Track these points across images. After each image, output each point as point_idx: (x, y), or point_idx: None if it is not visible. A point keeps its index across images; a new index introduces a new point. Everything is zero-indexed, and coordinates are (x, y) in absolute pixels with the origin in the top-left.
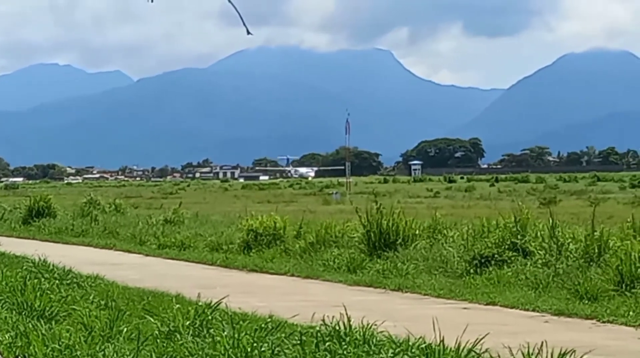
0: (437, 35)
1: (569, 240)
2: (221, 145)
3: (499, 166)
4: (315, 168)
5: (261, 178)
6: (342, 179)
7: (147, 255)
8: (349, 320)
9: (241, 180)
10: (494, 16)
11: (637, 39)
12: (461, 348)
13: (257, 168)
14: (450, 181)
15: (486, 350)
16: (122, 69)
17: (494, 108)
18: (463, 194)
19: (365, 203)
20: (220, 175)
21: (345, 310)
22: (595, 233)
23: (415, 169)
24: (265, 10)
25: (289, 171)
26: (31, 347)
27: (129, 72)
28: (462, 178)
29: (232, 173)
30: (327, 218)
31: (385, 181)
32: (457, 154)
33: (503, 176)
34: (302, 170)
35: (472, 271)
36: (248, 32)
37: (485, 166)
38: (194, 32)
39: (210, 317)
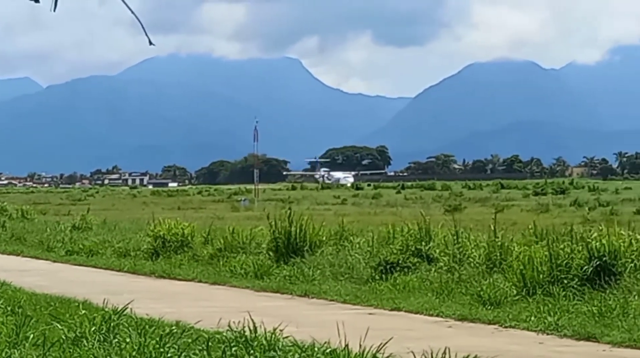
0: (346, 45)
1: (473, 247)
2: (130, 152)
3: (405, 174)
4: (354, 173)
5: (170, 184)
6: (251, 186)
7: (55, 261)
8: (255, 326)
9: (150, 187)
10: (403, 26)
11: (541, 49)
12: (365, 353)
13: (302, 172)
14: (358, 189)
15: (390, 355)
16: (31, 76)
17: (401, 116)
18: (370, 201)
19: (274, 210)
20: (129, 182)
21: (251, 316)
22: (497, 240)
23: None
24: (176, 18)
25: (320, 176)
26: None
27: (38, 79)
28: (369, 185)
29: (141, 180)
30: (235, 224)
31: (294, 188)
32: (364, 162)
33: (409, 183)
34: (338, 175)
35: (377, 277)
36: (150, 43)
37: (392, 173)
38: (105, 40)
39: (117, 323)
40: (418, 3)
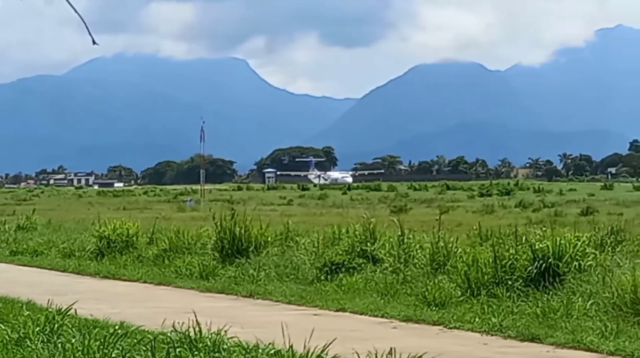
0: (293, 45)
1: (418, 248)
2: (76, 152)
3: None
4: (351, 172)
5: (116, 185)
6: (197, 187)
7: None
8: (199, 327)
9: (95, 187)
10: (350, 27)
11: (486, 50)
12: (310, 353)
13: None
14: (304, 189)
15: (335, 356)
16: None
17: (347, 117)
18: (316, 202)
19: (220, 210)
20: (75, 182)
21: (196, 316)
22: (442, 241)
23: (269, 177)
24: (123, 17)
25: (316, 177)
26: None
27: None
28: (315, 186)
29: (87, 180)
30: (180, 225)
31: (240, 189)
32: None
33: (355, 184)
34: (335, 175)
35: (322, 278)
36: (94, 42)
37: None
38: (51, 39)
39: (61, 324)
40: (365, 4)
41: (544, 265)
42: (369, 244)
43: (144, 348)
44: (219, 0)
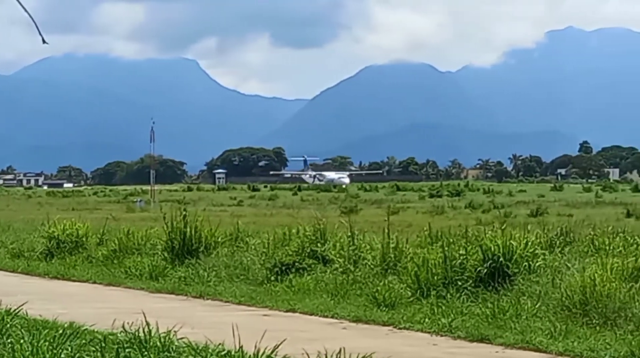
0: (244, 46)
1: (368, 248)
2: (25, 152)
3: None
4: (348, 173)
5: (65, 185)
6: (147, 187)
7: None
8: (149, 327)
9: (45, 187)
10: (302, 28)
11: (437, 52)
12: (260, 354)
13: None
14: (254, 190)
15: (285, 356)
16: None
17: (298, 118)
18: (266, 202)
19: (170, 211)
20: (24, 182)
21: (145, 317)
22: (392, 241)
23: (219, 178)
24: (73, 17)
25: (311, 177)
26: None
27: None
28: (265, 186)
29: (36, 181)
30: (130, 225)
31: (190, 189)
32: (261, 163)
33: (306, 185)
34: (331, 175)
35: (273, 278)
36: (44, 41)
37: (289, 175)
38: (0, 38)
39: (9, 324)
40: (317, 5)
41: (493, 265)
42: (319, 245)
43: (94, 348)
44: (170, 1)
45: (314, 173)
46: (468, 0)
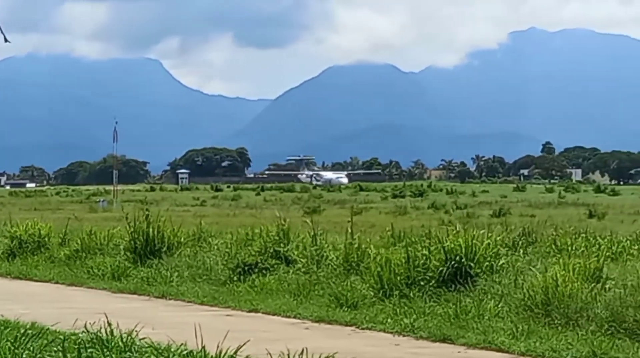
0: (207, 46)
1: (331, 249)
2: None
3: (265, 176)
4: (346, 173)
5: (28, 185)
6: (109, 187)
7: None
8: (111, 327)
9: (7, 187)
10: (265, 28)
11: (400, 52)
12: (222, 354)
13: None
14: (217, 190)
15: (247, 357)
16: None
17: (261, 118)
18: (229, 203)
19: (133, 211)
20: None
21: (107, 317)
22: (355, 242)
23: (182, 178)
24: (35, 17)
25: (308, 177)
26: None
27: None
28: (228, 186)
29: None
30: (93, 225)
31: (153, 190)
32: (224, 164)
33: (269, 185)
34: (329, 175)
35: (235, 278)
36: (5, 40)
37: (252, 175)
38: None
39: None
40: (280, 5)
41: (456, 265)
42: (282, 245)
43: (55, 348)
44: (133, 1)
45: (310, 173)
46: (431, 1)
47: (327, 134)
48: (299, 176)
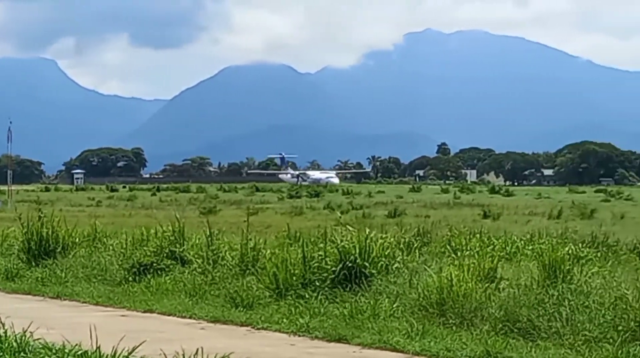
0: (103, 46)
1: (227, 249)
2: None
3: (161, 176)
4: (335, 172)
5: None
6: (4, 188)
7: None
8: (4, 328)
9: None
10: (161, 28)
11: (296, 53)
12: (117, 355)
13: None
14: (113, 190)
15: (143, 357)
16: None
17: (157, 119)
18: (125, 203)
19: (27, 211)
20: None
21: (0, 317)
22: (250, 242)
23: (77, 178)
24: None
25: (293, 177)
26: None
27: None
28: (124, 187)
29: None
30: None
31: (47, 190)
32: (120, 164)
33: (165, 185)
34: (317, 175)
35: (131, 279)
36: None
37: (148, 175)
38: None
39: None
40: (176, 5)
41: (350, 265)
42: (177, 245)
43: None
44: (28, 0)
45: (296, 173)
46: (327, 2)
47: (223, 134)
48: (281, 176)
